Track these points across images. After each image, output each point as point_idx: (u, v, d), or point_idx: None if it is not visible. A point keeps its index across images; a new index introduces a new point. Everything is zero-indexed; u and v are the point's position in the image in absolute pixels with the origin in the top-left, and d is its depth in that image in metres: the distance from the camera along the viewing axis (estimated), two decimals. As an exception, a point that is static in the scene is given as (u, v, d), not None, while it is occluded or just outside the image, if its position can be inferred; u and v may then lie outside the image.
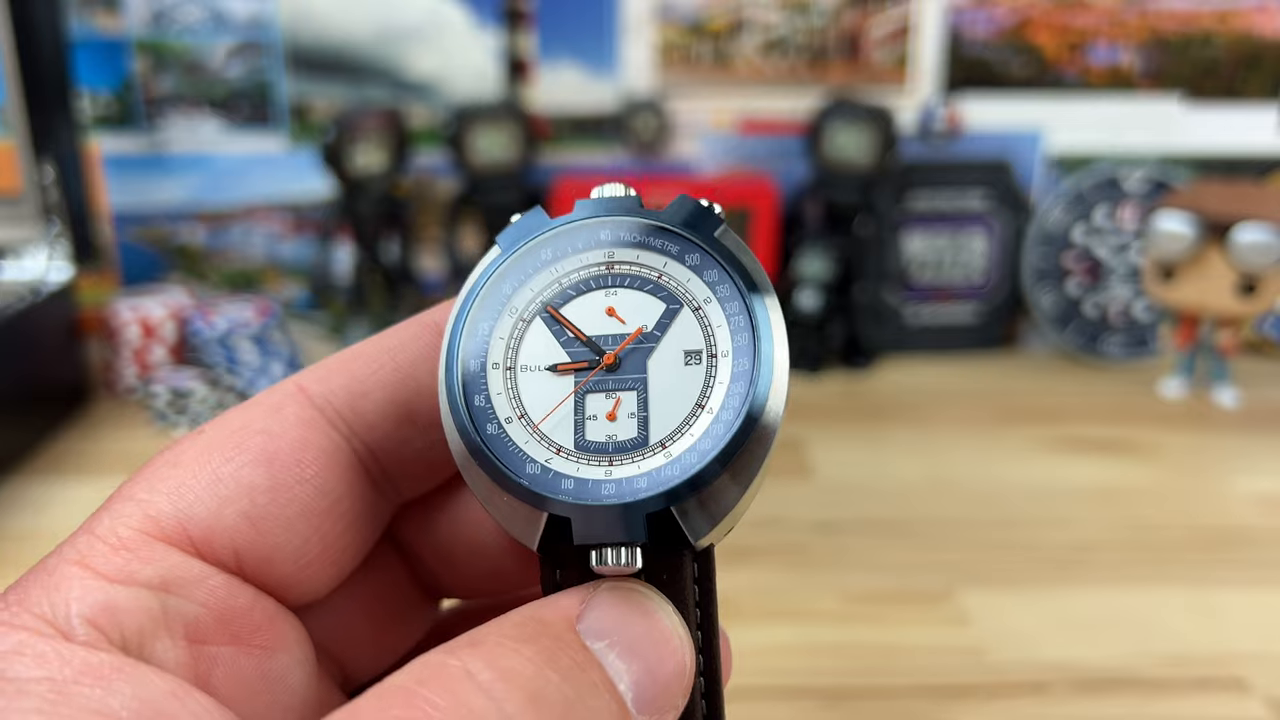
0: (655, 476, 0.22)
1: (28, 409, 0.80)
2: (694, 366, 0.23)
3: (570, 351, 0.24)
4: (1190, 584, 0.62)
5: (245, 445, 0.23)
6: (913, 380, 0.96)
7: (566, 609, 0.21)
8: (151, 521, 0.21)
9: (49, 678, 0.18)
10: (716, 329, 0.23)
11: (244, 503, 0.22)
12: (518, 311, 0.24)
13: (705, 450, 0.22)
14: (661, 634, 0.21)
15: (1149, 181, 1.00)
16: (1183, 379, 0.92)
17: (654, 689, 0.21)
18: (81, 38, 0.96)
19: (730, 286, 0.23)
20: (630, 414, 0.23)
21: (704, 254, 0.24)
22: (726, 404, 0.22)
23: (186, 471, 0.22)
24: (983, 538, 0.67)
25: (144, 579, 0.21)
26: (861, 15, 1.00)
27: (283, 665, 0.23)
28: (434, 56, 1.00)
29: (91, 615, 0.20)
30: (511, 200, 0.98)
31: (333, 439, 0.24)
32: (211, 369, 0.88)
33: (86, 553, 0.21)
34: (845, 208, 0.96)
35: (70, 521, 0.77)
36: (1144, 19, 1.01)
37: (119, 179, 1.00)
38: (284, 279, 1.04)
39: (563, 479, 0.22)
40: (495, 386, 0.23)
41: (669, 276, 0.24)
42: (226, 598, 0.22)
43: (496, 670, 0.19)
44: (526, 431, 0.23)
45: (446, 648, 0.20)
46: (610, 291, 0.24)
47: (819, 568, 0.63)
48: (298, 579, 0.23)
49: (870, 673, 0.53)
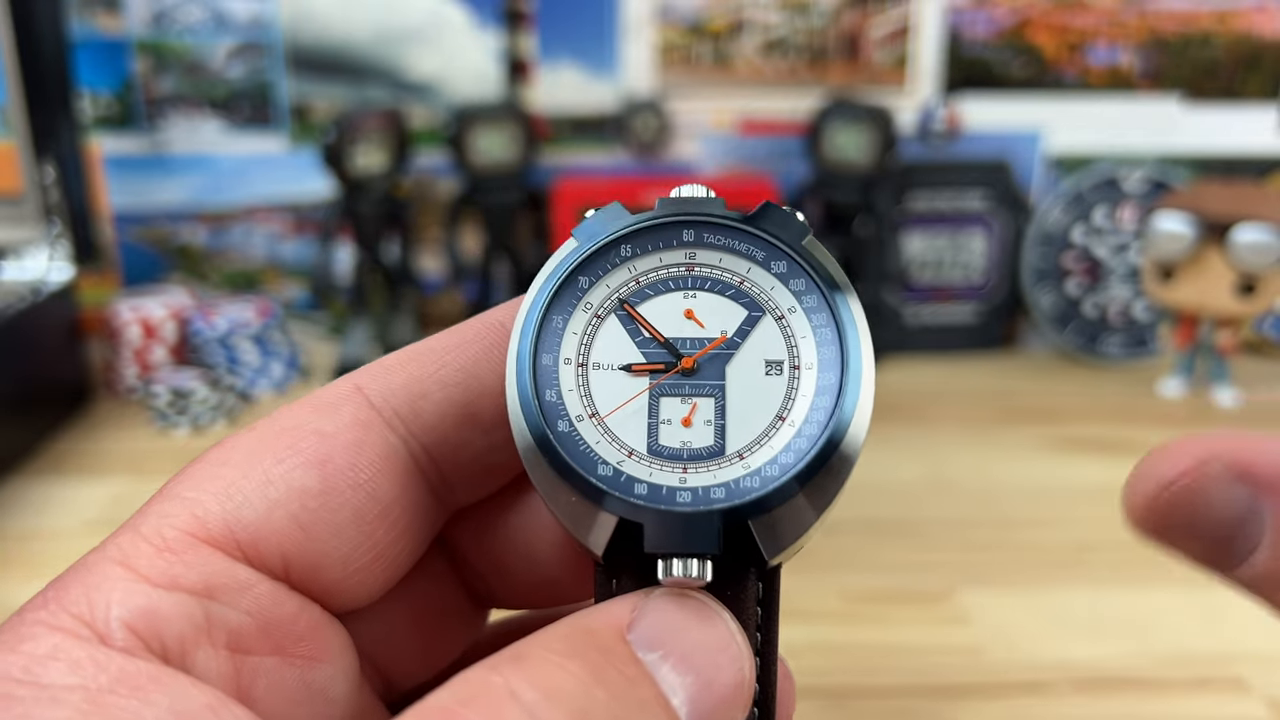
0: (733, 488, 0.21)
1: (28, 409, 0.80)
2: (775, 377, 0.22)
3: (646, 352, 0.23)
4: (1190, 584, 0.62)
5: (298, 446, 0.22)
6: (913, 380, 0.96)
7: (617, 617, 0.20)
8: (198, 522, 0.21)
9: (83, 685, 0.18)
10: (801, 340, 0.23)
11: (294, 506, 0.21)
12: (593, 307, 0.23)
13: (788, 464, 0.21)
14: (720, 641, 0.20)
15: (1148, 181, 1.00)
16: (1182, 379, 0.92)
17: (711, 703, 0.20)
18: (82, 38, 0.96)
19: (818, 297, 0.23)
20: (707, 421, 0.22)
21: (791, 261, 0.23)
22: (810, 418, 0.22)
23: (236, 471, 0.21)
24: (983, 538, 0.67)
25: (188, 584, 0.20)
26: (861, 15, 1.00)
27: (326, 676, 0.22)
28: (434, 57, 1.00)
29: (131, 620, 0.19)
30: (512, 201, 0.98)
31: (389, 441, 0.23)
32: (212, 369, 0.88)
33: (130, 552, 0.20)
34: (845, 208, 0.96)
35: (71, 521, 0.77)
36: (1144, 19, 1.01)
37: (120, 179, 1.00)
38: (285, 279, 1.05)
39: (636, 483, 0.21)
40: (567, 383, 0.22)
41: (752, 282, 0.23)
42: (271, 606, 0.21)
43: (541, 690, 0.18)
44: (598, 431, 0.22)
45: (490, 663, 0.19)
46: (689, 294, 0.23)
47: (819, 568, 0.63)
48: (345, 586, 0.22)
49: (870, 672, 0.53)
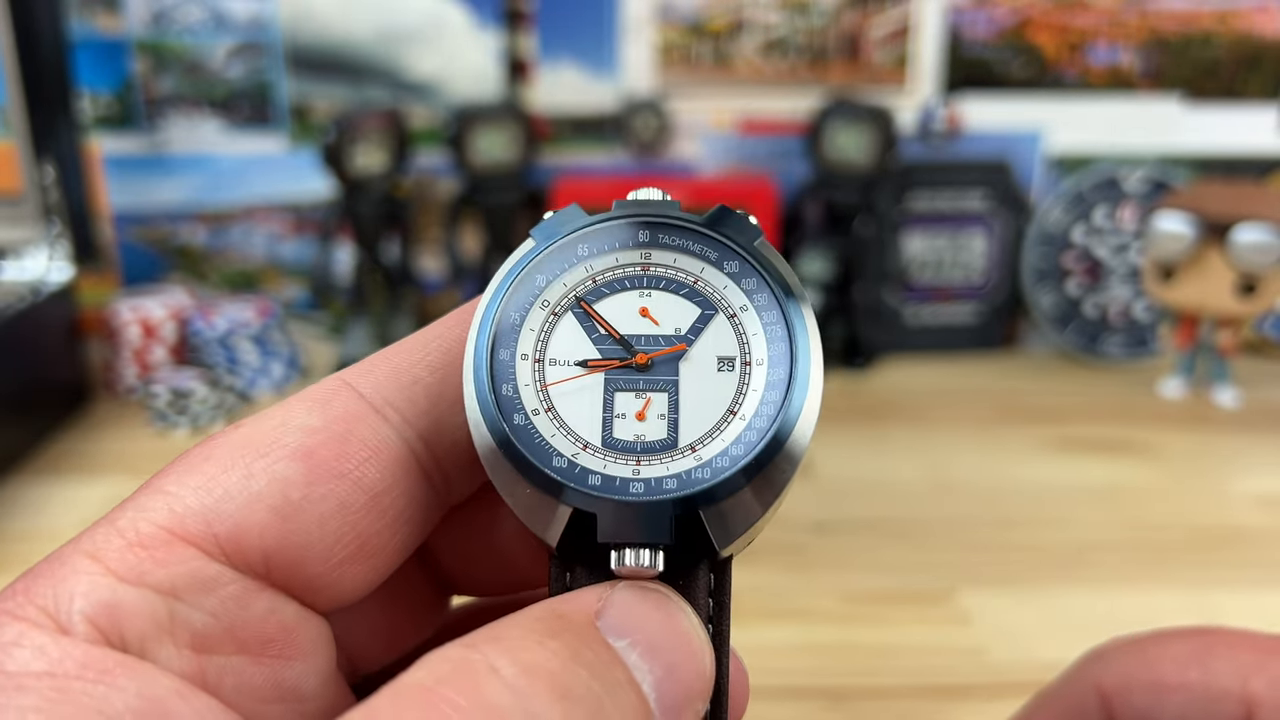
0: (685, 479, 0.22)
1: (28, 409, 0.80)
2: (727, 373, 0.23)
3: (601, 349, 0.23)
4: (1190, 584, 0.62)
5: (283, 440, 0.22)
6: (913, 380, 0.96)
7: (586, 604, 0.20)
8: (176, 518, 0.20)
9: (49, 672, 0.18)
10: (752, 337, 0.23)
11: (276, 498, 0.21)
12: (550, 304, 0.24)
13: (738, 455, 0.22)
14: (682, 635, 0.21)
15: (1149, 181, 1.00)
16: (1183, 379, 0.92)
17: (675, 691, 0.20)
18: (82, 38, 0.96)
19: (768, 295, 0.23)
20: (660, 415, 0.23)
21: (743, 262, 0.24)
22: (760, 411, 0.22)
23: (218, 466, 0.21)
24: (983, 538, 0.67)
25: (154, 582, 0.20)
26: (861, 15, 1.00)
27: (297, 674, 0.22)
28: (434, 57, 1.00)
29: (93, 613, 0.19)
30: (512, 201, 0.98)
31: (380, 432, 0.23)
32: (212, 369, 0.88)
33: (102, 546, 0.20)
34: (845, 208, 0.96)
35: (70, 521, 0.77)
36: (1144, 19, 1.01)
37: (119, 179, 1.00)
38: (284, 279, 1.05)
39: (589, 474, 0.22)
40: (523, 378, 0.23)
41: (705, 282, 0.24)
42: (238, 609, 0.21)
43: (521, 665, 0.18)
44: (553, 425, 0.22)
45: (466, 641, 0.19)
46: (644, 292, 0.24)
47: (819, 568, 0.63)
48: (329, 580, 0.22)
49: (870, 673, 0.53)
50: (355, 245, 0.95)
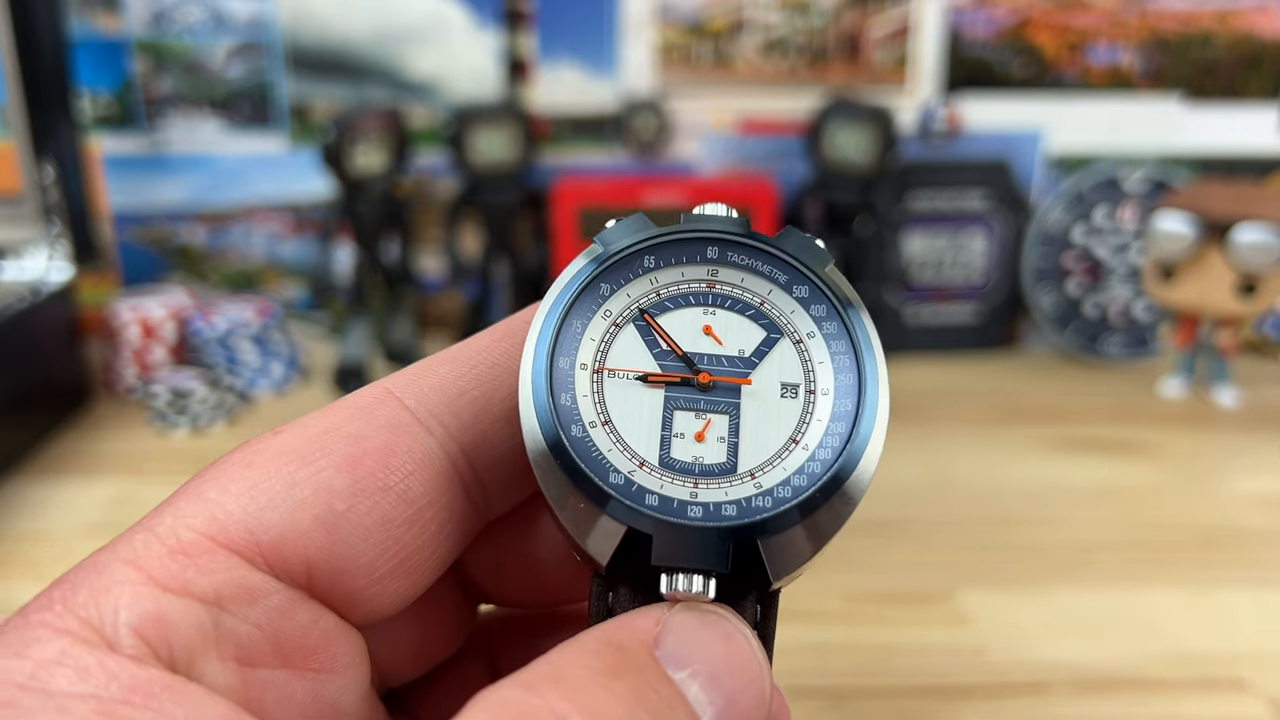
0: (745, 506, 0.21)
1: (28, 409, 0.79)
2: (790, 400, 0.22)
3: (663, 364, 0.23)
4: (1190, 584, 0.62)
5: (327, 448, 0.21)
6: (913, 380, 0.96)
7: (644, 631, 0.20)
8: (217, 525, 0.20)
9: (94, 695, 0.17)
10: (818, 365, 0.23)
11: (321, 508, 0.20)
12: (612, 315, 0.23)
13: (800, 487, 0.21)
14: (742, 659, 0.20)
15: (1149, 181, 1.00)
16: (1183, 379, 0.92)
17: (735, 718, 0.20)
18: (81, 38, 0.96)
19: (838, 324, 0.23)
20: (720, 438, 0.22)
21: (813, 287, 0.23)
22: (824, 443, 0.22)
23: (261, 472, 0.21)
24: (983, 538, 0.67)
25: (199, 591, 0.19)
26: (861, 15, 1.00)
27: (337, 689, 0.21)
28: (434, 57, 1.00)
29: (140, 626, 0.18)
30: (511, 201, 0.98)
31: (424, 443, 0.22)
32: (212, 369, 0.88)
33: (143, 553, 0.19)
34: (845, 208, 0.96)
35: (70, 521, 0.77)
36: (1144, 19, 1.01)
37: (119, 179, 1.00)
38: (284, 279, 1.04)
39: (647, 493, 0.21)
40: (582, 388, 0.22)
41: (772, 304, 0.23)
42: (282, 619, 0.20)
43: (586, 713, 0.17)
44: (610, 439, 0.22)
45: (523, 682, 0.18)
46: (709, 310, 0.23)
47: (819, 568, 0.63)
48: (369, 594, 0.21)
49: (871, 673, 0.53)
50: (355, 245, 0.95)
